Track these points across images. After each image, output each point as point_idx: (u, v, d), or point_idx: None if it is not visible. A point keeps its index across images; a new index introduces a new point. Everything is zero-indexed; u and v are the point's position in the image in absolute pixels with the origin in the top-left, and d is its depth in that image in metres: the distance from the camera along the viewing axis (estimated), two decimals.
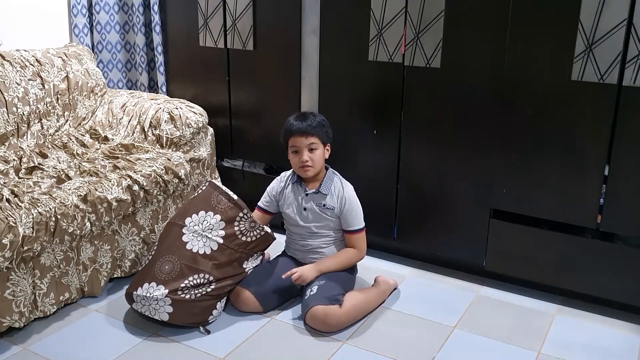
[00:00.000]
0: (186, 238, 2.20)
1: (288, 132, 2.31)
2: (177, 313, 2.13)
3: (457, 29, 2.34)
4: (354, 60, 2.58)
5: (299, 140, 2.28)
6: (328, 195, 2.33)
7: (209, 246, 2.19)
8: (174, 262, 2.16)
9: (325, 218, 2.34)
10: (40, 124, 2.71)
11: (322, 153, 2.33)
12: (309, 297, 2.22)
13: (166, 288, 2.11)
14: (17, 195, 2.17)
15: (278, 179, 2.46)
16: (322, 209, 2.33)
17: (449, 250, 2.61)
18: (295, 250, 2.45)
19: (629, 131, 2.12)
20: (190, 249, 2.18)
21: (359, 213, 2.36)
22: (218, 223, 2.22)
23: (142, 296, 2.12)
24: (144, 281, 2.15)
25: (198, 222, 2.22)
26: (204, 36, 2.98)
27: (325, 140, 2.34)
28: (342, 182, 2.38)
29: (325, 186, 2.34)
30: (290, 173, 2.43)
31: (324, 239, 2.38)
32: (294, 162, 2.33)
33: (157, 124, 2.76)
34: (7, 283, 2.04)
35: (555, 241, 2.35)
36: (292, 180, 2.40)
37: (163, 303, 2.11)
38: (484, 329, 2.24)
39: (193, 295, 2.14)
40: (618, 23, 2.03)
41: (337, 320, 2.18)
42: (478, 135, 2.41)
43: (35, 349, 2.07)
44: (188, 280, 2.14)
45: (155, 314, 2.13)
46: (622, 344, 2.18)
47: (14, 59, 2.65)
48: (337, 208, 2.33)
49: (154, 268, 2.17)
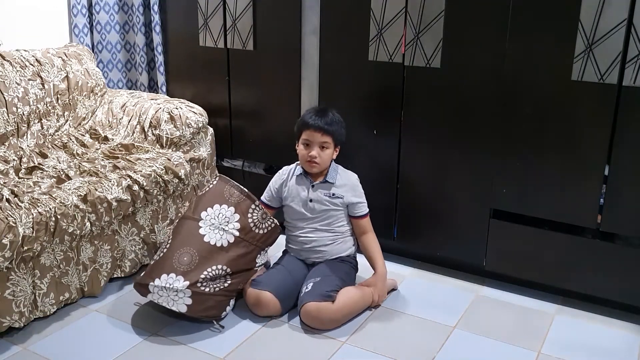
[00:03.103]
0: (203, 231, 2.22)
1: (305, 125, 2.33)
2: (195, 305, 2.13)
3: (457, 29, 2.34)
4: (354, 60, 2.58)
5: (313, 135, 2.30)
6: (335, 184, 2.36)
7: (226, 239, 2.22)
8: (192, 253, 2.17)
9: (332, 208, 2.36)
10: (40, 124, 2.71)
11: (331, 153, 2.35)
12: (304, 294, 2.22)
13: (186, 279, 2.11)
14: (17, 195, 2.17)
15: (280, 173, 2.47)
16: (332, 198, 2.35)
17: (449, 250, 2.61)
18: (297, 249, 2.43)
19: (629, 131, 2.12)
20: (208, 241, 2.20)
21: (364, 198, 2.41)
22: (233, 215, 2.24)
23: (161, 287, 2.11)
24: (162, 272, 2.14)
25: (214, 216, 2.25)
26: (204, 36, 2.98)
27: (338, 142, 2.37)
28: (347, 172, 2.43)
29: (331, 176, 2.37)
30: (293, 166, 2.44)
31: (327, 234, 2.38)
32: (301, 154, 2.35)
33: (157, 124, 2.76)
34: (7, 283, 2.04)
35: (555, 241, 2.35)
36: (296, 173, 2.40)
37: (183, 295, 2.11)
38: (484, 329, 2.25)
39: (212, 289, 2.15)
40: (618, 23, 2.04)
41: (329, 317, 2.18)
42: (478, 135, 2.41)
43: (35, 349, 2.07)
44: (207, 272, 2.15)
45: (174, 305, 2.12)
46: (622, 344, 2.18)
47: (14, 59, 2.65)
48: (346, 197, 2.36)
49: (171, 259, 2.16)
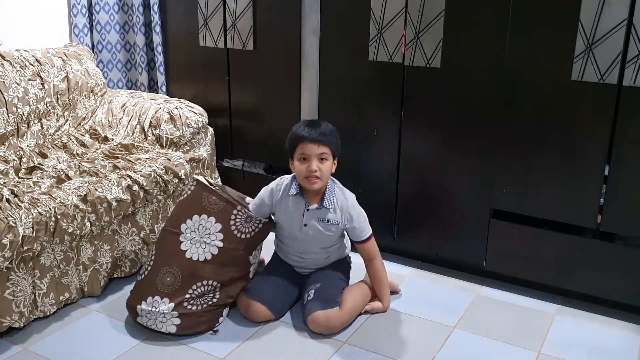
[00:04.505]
0: (184, 246, 2.15)
1: (298, 138, 2.13)
2: (185, 324, 2.11)
3: (457, 29, 2.34)
4: (354, 60, 2.58)
5: (309, 148, 2.11)
6: (331, 210, 2.20)
7: (209, 252, 2.14)
8: (175, 273, 2.12)
9: (327, 234, 2.23)
10: (40, 124, 2.70)
11: (330, 165, 2.17)
12: (308, 302, 2.20)
13: (171, 301, 2.08)
14: (17, 195, 2.17)
15: (272, 189, 2.26)
16: (326, 225, 2.21)
17: (449, 250, 2.61)
18: (290, 259, 2.36)
19: (629, 131, 2.12)
20: (190, 257, 2.13)
21: (366, 221, 2.26)
22: (214, 226, 2.15)
23: (148, 310, 2.09)
24: (147, 295, 2.11)
25: (194, 228, 2.16)
26: (204, 36, 2.98)
27: (335, 152, 2.18)
28: (344, 192, 2.25)
29: (328, 200, 2.19)
30: (288, 182, 2.25)
31: (321, 254, 2.32)
32: (299, 171, 2.14)
33: (157, 124, 2.76)
34: (7, 283, 2.04)
35: (555, 241, 2.35)
36: (290, 193, 2.21)
37: (170, 316, 2.09)
38: (484, 329, 2.24)
39: (199, 306, 2.12)
40: (618, 23, 2.03)
41: (340, 322, 2.17)
42: (478, 135, 2.40)
43: (35, 349, 2.07)
44: (192, 290, 2.11)
45: (162, 327, 2.10)
46: (622, 344, 2.18)
47: (14, 59, 2.65)
48: (342, 222, 2.21)
49: (155, 280, 2.12)
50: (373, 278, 2.33)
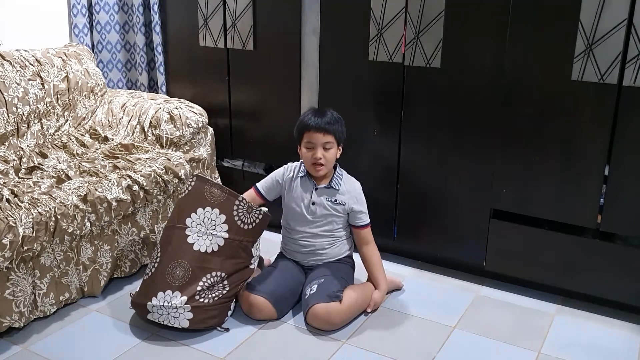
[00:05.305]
0: (191, 239, 2.17)
1: (305, 127, 2.29)
2: (197, 318, 2.11)
3: (457, 29, 2.34)
4: (354, 60, 2.58)
5: (315, 137, 2.27)
6: (339, 191, 2.33)
7: (216, 243, 2.17)
8: (184, 265, 2.12)
9: (333, 214, 2.33)
10: (40, 124, 2.71)
11: (335, 152, 2.32)
12: (309, 296, 2.21)
13: (183, 295, 2.08)
14: (17, 195, 2.17)
15: (285, 168, 2.43)
16: (334, 204, 2.33)
17: (449, 250, 2.61)
18: (294, 252, 2.41)
19: (629, 131, 2.12)
20: (198, 249, 2.15)
21: (366, 208, 2.38)
22: (219, 217, 2.18)
23: (160, 306, 2.08)
24: (157, 290, 2.10)
25: (200, 221, 2.18)
26: (204, 36, 2.98)
27: (340, 140, 2.33)
28: (350, 178, 2.39)
29: (336, 182, 2.34)
30: (297, 165, 2.41)
31: (327, 239, 2.37)
32: (306, 158, 2.31)
33: (157, 124, 2.76)
34: (7, 283, 2.04)
35: (555, 241, 2.35)
36: (299, 174, 2.37)
37: (183, 310, 2.09)
38: (484, 329, 2.25)
39: (211, 299, 2.13)
40: (618, 23, 2.04)
41: (339, 317, 2.18)
42: (478, 135, 2.41)
43: (35, 349, 2.07)
44: (202, 282, 2.12)
45: (175, 322, 2.11)
46: (622, 344, 2.18)
47: (14, 59, 2.65)
48: (348, 204, 2.33)
49: (164, 275, 2.12)
50: (368, 262, 2.39)
